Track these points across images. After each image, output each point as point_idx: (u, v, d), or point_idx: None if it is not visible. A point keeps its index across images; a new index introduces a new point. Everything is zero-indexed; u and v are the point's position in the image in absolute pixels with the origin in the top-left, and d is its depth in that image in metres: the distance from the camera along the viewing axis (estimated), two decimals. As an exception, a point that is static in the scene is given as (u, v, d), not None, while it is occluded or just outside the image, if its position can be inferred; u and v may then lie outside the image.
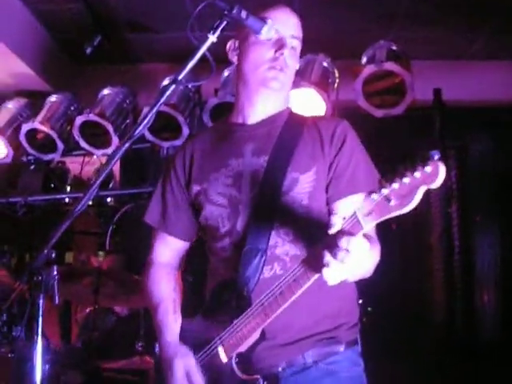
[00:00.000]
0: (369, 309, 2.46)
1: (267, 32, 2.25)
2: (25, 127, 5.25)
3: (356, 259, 1.87)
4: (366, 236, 1.93)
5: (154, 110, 2.19)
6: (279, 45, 2.38)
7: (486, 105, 5.73)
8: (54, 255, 2.50)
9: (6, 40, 5.17)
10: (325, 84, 4.58)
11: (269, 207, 2.33)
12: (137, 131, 2.18)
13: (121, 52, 6.03)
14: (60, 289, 2.80)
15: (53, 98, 5.39)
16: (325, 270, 1.91)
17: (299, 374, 2.31)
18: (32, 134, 5.32)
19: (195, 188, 2.48)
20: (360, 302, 2.51)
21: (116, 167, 6.10)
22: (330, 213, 2.34)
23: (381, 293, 2.32)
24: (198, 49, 2.14)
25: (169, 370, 2.35)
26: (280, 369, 2.30)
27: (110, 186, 6.09)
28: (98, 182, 2.19)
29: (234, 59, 2.54)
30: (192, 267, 2.68)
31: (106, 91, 5.22)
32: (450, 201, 5.37)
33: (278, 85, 2.42)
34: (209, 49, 2.15)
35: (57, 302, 2.60)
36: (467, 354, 5.26)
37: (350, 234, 1.87)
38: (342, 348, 2.34)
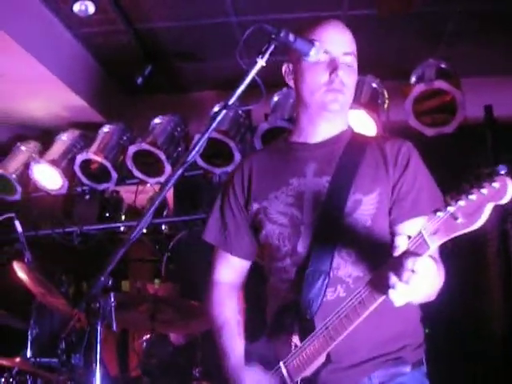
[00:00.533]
0: (426, 330, 2.42)
1: (316, 54, 2.23)
2: (79, 158, 5.33)
3: (422, 280, 1.83)
4: (431, 257, 1.90)
5: (206, 136, 2.19)
6: (332, 67, 2.35)
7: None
8: (110, 282, 2.53)
9: (60, 73, 5.28)
10: (374, 105, 4.57)
11: (331, 228, 2.31)
12: (189, 157, 2.18)
13: (171, 81, 6.12)
14: (117, 316, 2.83)
15: (105, 128, 5.48)
16: (391, 292, 1.87)
17: None
18: (86, 164, 5.40)
19: (255, 206, 2.46)
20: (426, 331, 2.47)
21: (169, 195, 6.14)
22: (393, 235, 2.31)
23: (439, 314, 2.28)
24: (247, 73, 2.13)
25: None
26: None
27: (164, 213, 6.14)
28: (152, 209, 2.19)
29: (291, 83, 2.52)
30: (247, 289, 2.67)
31: (157, 120, 5.28)
32: (506, 218, 5.28)
33: (337, 106, 2.40)
34: (258, 73, 2.15)
35: (114, 328, 2.63)
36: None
37: (416, 254, 1.84)
38: (408, 369, 2.30)
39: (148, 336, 4.51)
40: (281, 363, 2.27)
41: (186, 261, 5.56)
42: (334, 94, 2.37)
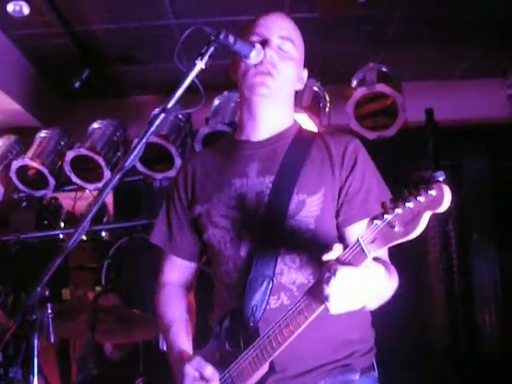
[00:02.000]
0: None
1: (256, 56, 2.20)
2: (15, 164, 5.19)
3: (357, 291, 1.80)
4: (378, 261, 1.87)
5: (144, 141, 2.13)
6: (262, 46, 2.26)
7: (478, 123, 5.73)
8: (47, 293, 2.45)
9: (-7, 77, 5.16)
10: (316, 109, 4.56)
11: (274, 232, 2.23)
12: (127, 162, 2.13)
13: (109, 85, 6.03)
14: (56, 326, 2.74)
15: (42, 133, 5.35)
16: (326, 304, 1.83)
17: None
18: (23, 170, 5.27)
19: (198, 209, 2.39)
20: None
21: (110, 201, 6.06)
22: (341, 238, 2.25)
23: (381, 315, 2.26)
24: (186, 76, 2.08)
25: (181, 378, 2.23)
26: None
27: (104, 220, 6.05)
28: (90, 216, 2.13)
29: (235, 78, 2.42)
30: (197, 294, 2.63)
31: (95, 125, 5.19)
32: (447, 220, 5.35)
33: (265, 90, 2.29)
34: (198, 76, 2.09)
35: (52, 340, 2.55)
36: (470, 375, 5.20)
37: (352, 264, 1.79)
38: (356, 376, 2.23)
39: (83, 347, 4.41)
40: (225, 371, 2.20)
41: (126, 268, 5.48)
42: (261, 76, 2.27)
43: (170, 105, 2.12)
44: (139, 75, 5.92)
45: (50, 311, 2.45)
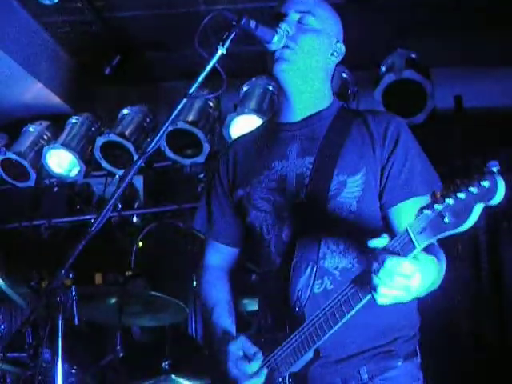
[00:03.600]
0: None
1: (279, 41, 2.18)
2: (47, 150, 5.26)
3: (406, 283, 1.75)
4: (428, 249, 1.79)
5: (166, 125, 2.17)
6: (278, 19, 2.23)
7: (508, 111, 5.64)
8: (71, 275, 2.48)
9: (25, 63, 5.20)
10: (344, 95, 4.55)
11: (316, 215, 2.19)
12: (150, 147, 2.14)
13: (140, 71, 6.03)
14: (84, 309, 2.78)
15: (73, 119, 5.42)
16: (373, 294, 1.81)
17: None
18: (54, 156, 5.33)
19: (239, 192, 2.38)
20: None
21: (141, 187, 6.09)
22: (385, 220, 2.22)
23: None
24: (208, 62, 2.08)
25: (226, 358, 2.23)
26: None
27: (136, 205, 6.08)
28: (112, 201, 2.15)
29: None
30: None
31: (125, 111, 5.24)
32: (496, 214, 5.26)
33: (284, 64, 2.23)
34: (220, 62, 2.08)
35: (76, 322, 2.59)
36: (497, 366, 5.16)
37: (401, 255, 1.74)
38: (399, 362, 2.21)
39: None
40: (271, 355, 2.20)
41: (155, 253, 5.52)
42: (279, 51, 2.22)
43: (192, 90, 2.13)
44: (169, 61, 5.92)
45: (74, 293, 2.47)
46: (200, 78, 2.12)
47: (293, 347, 2.13)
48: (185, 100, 2.15)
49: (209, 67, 2.09)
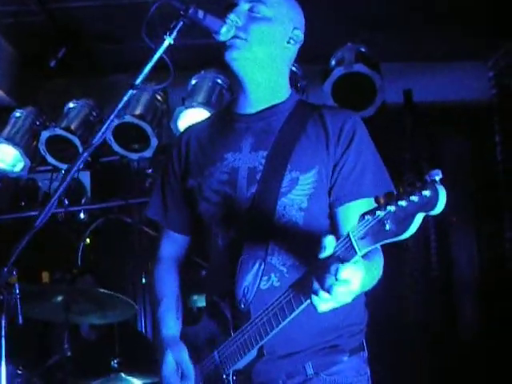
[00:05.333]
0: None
1: (227, 32, 2.15)
2: (-12, 145, 5.12)
3: (346, 288, 1.71)
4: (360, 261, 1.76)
5: (112, 117, 2.13)
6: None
7: (457, 105, 5.70)
8: (15, 273, 2.41)
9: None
10: (294, 88, 4.50)
11: (266, 210, 2.16)
12: (95, 139, 2.10)
13: (86, 64, 5.92)
14: (31, 308, 2.70)
15: (17, 113, 5.26)
16: (313, 298, 1.77)
17: None
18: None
19: (190, 182, 2.35)
20: None
21: (88, 182, 5.99)
22: (332, 219, 2.20)
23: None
24: (154, 52, 2.05)
25: (161, 363, 2.27)
26: (280, 382, 2.19)
27: (83, 201, 5.97)
28: (56, 196, 2.15)
29: None
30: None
31: (71, 104, 5.12)
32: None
33: (235, 53, 2.20)
34: (167, 53, 2.06)
35: (20, 321, 2.52)
36: (447, 355, 5.22)
37: (342, 260, 1.70)
38: (345, 357, 2.21)
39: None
40: (215, 352, 2.20)
41: (102, 249, 5.45)
42: (229, 40, 2.19)
43: (138, 81, 2.10)
44: (117, 54, 5.81)
45: (17, 292, 2.40)
46: (146, 69, 2.10)
47: (237, 345, 2.11)
48: (131, 91, 2.12)
49: (155, 57, 2.06)
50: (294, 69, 4.63)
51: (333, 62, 4.60)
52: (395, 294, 5.37)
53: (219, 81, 4.68)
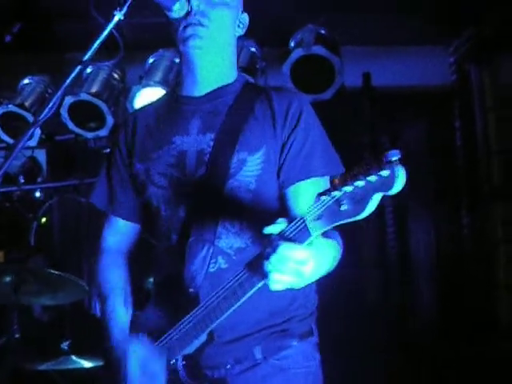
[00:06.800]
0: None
1: (180, 9, 2.10)
2: None
3: (300, 270, 1.70)
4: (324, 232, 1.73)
5: (59, 93, 2.06)
6: None
7: (417, 90, 5.70)
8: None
9: None
10: (253, 70, 4.49)
11: (214, 193, 2.14)
12: (42, 114, 2.03)
13: (44, 40, 5.80)
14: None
15: (-30, 89, 5.17)
16: (266, 280, 1.75)
17: (248, 371, 2.17)
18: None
19: (137, 166, 2.30)
20: None
21: (44, 160, 5.89)
22: (282, 200, 2.17)
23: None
24: (104, 28, 2.01)
25: (122, 367, 2.18)
26: (228, 366, 2.16)
27: (39, 180, 5.88)
28: (1, 172, 2.06)
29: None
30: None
31: (26, 81, 5.06)
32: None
33: (198, 41, 2.17)
34: (118, 28, 2.01)
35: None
36: (404, 343, 5.25)
37: (296, 241, 1.68)
38: (295, 342, 2.20)
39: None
40: (164, 337, 2.14)
41: (56, 229, 5.38)
42: (192, 27, 2.15)
43: (86, 56, 2.04)
44: (74, 31, 5.69)
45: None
46: (95, 45, 2.04)
47: (186, 330, 2.07)
48: (79, 67, 2.05)
49: (105, 33, 2.02)
50: (253, 49, 4.60)
51: (292, 44, 4.58)
52: (353, 278, 5.38)
53: (177, 60, 4.61)
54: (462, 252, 5.50)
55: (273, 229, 1.76)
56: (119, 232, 2.46)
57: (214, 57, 2.25)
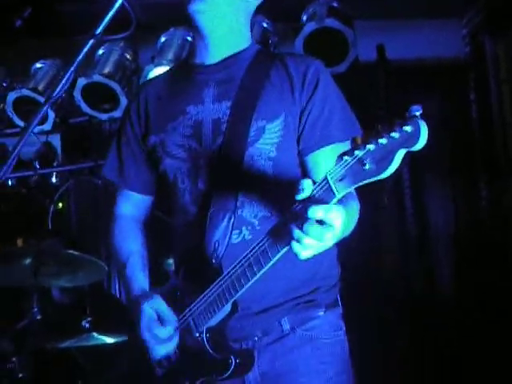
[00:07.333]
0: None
1: None
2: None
3: (328, 231, 1.65)
4: (340, 203, 1.70)
5: (72, 69, 2.10)
6: None
7: (431, 62, 5.64)
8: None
9: None
10: (265, 45, 4.45)
11: (233, 162, 2.11)
12: (56, 92, 2.02)
13: (53, 24, 5.78)
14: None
15: (-17, 75, 5.17)
16: (294, 244, 1.70)
17: (276, 342, 2.17)
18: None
19: (152, 139, 2.28)
20: None
21: (58, 144, 5.90)
22: (303, 167, 2.16)
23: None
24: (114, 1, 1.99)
25: (138, 316, 2.17)
26: (256, 338, 2.16)
27: (55, 164, 5.88)
28: (13, 156, 2.04)
29: None
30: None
31: (38, 65, 5.04)
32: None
33: (199, 5, 2.15)
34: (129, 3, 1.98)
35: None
36: (424, 314, 5.23)
37: (321, 203, 1.64)
38: (321, 312, 2.19)
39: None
40: (187, 310, 2.14)
41: (74, 212, 5.38)
42: None
43: (99, 30, 2.04)
44: (84, 14, 5.68)
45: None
46: (107, 18, 2.04)
47: (209, 301, 2.06)
48: (92, 41, 2.05)
49: (116, 5, 2.00)
50: (265, 25, 4.57)
51: (304, 18, 4.54)
52: (372, 254, 5.37)
53: (189, 38, 4.60)
54: (480, 224, 5.46)
55: (303, 195, 1.70)
56: (132, 202, 2.46)
57: (223, 23, 2.21)
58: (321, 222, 1.65)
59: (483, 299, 5.13)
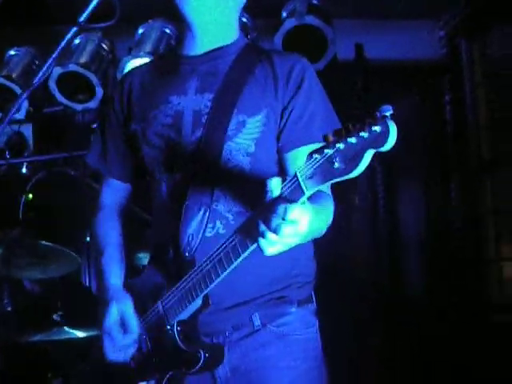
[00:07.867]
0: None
1: None
2: None
3: (294, 229, 1.64)
4: (316, 194, 1.69)
5: (54, 55, 2.08)
6: None
7: (408, 63, 5.67)
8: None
9: None
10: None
11: (211, 155, 2.10)
12: (36, 79, 2.08)
13: (32, 12, 5.72)
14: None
15: (-44, 61, 5.08)
16: (260, 241, 1.69)
17: (247, 338, 2.16)
18: None
19: (133, 126, 2.27)
20: None
21: (30, 135, 5.82)
22: (281, 165, 2.16)
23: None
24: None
25: (104, 314, 2.18)
26: (226, 333, 2.15)
27: (25, 154, 5.81)
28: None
29: None
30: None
31: (12, 52, 4.96)
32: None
33: None
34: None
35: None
36: (397, 311, 5.27)
37: (289, 200, 1.63)
38: (293, 308, 2.18)
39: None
40: (159, 302, 2.14)
41: (46, 203, 5.32)
42: None
43: (82, 18, 2.05)
44: (64, 3, 5.63)
45: None
46: (91, 6, 2.05)
47: (181, 294, 2.06)
48: (75, 29, 2.05)
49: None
50: (244, 20, 4.55)
51: (284, 14, 4.53)
52: (343, 251, 5.38)
53: (167, 30, 4.58)
54: (451, 225, 5.50)
55: (272, 195, 1.69)
56: (114, 190, 2.46)
57: (211, 14, 2.20)
58: (287, 219, 1.63)
59: (454, 297, 5.18)
